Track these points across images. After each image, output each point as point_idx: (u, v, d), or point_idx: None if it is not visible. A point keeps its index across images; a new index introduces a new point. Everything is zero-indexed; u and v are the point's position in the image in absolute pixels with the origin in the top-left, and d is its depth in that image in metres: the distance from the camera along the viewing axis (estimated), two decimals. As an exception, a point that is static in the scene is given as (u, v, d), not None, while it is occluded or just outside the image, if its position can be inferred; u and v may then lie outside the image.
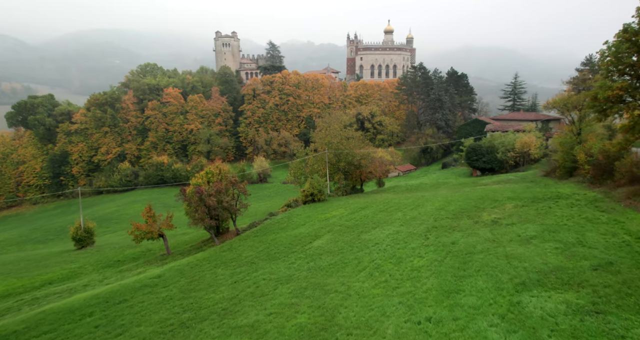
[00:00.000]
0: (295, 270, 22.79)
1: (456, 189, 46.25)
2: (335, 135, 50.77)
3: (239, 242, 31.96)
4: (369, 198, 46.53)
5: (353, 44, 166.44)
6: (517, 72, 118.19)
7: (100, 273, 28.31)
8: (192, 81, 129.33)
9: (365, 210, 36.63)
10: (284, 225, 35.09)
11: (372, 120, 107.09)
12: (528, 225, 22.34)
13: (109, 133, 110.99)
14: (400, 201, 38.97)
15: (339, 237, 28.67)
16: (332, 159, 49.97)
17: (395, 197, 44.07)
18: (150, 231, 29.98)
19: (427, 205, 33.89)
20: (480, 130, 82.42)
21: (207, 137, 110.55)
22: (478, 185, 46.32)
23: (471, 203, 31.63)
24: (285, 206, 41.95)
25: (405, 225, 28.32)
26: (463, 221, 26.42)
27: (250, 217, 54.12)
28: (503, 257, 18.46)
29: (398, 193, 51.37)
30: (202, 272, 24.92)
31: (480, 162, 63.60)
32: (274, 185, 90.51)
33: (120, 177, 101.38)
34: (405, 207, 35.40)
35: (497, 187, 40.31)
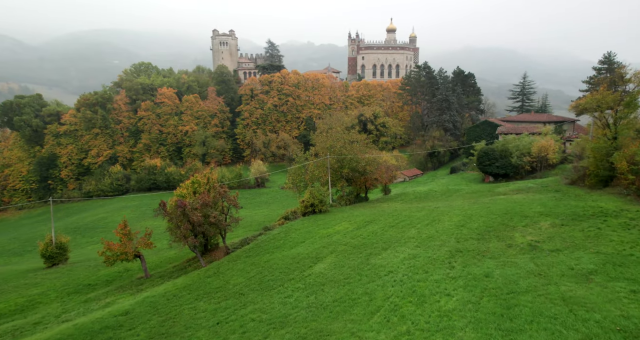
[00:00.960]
0: (291, 308, 18.73)
1: (472, 198, 42.21)
2: (338, 138, 46.78)
3: (227, 263, 27.90)
4: (375, 209, 42.50)
5: (354, 43, 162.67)
6: (525, 72, 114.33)
7: (63, 303, 24.30)
8: (188, 81, 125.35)
9: (372, 225, 32.59)
10: (280, 243, 31.04)
11: (375, 122, 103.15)
12: (580, 254, 18.27)
13: (100, 135, 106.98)
14: (412, 214, 34.91)
15: (344, 260, 24.61)
16: (334, 164, 45.97)
17: (404, 208, 40.02)
18: (124, 252, 25.91)
19: (445, 221, 29.85)
20: (490, 132, 78.45)
21: (203, 139, 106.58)
22: (496, 195, 42.29)
23: (496, 219, 27.59)
24: (282, 219, 37.93)
25: (422, 246, 24.25)
26: (492, 243, 22.37)
27: (245, 229, 50.09)
28: (560, 301, 14.38)
29: (407, 202, 47.37)
30: (180, 307, 20.85)
31: (493, 167, 59.59)
32: (272, 190, 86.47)
33: (111, 181, 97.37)
34: (418, 221, 31.36)
35: (520, 197, 36.26)
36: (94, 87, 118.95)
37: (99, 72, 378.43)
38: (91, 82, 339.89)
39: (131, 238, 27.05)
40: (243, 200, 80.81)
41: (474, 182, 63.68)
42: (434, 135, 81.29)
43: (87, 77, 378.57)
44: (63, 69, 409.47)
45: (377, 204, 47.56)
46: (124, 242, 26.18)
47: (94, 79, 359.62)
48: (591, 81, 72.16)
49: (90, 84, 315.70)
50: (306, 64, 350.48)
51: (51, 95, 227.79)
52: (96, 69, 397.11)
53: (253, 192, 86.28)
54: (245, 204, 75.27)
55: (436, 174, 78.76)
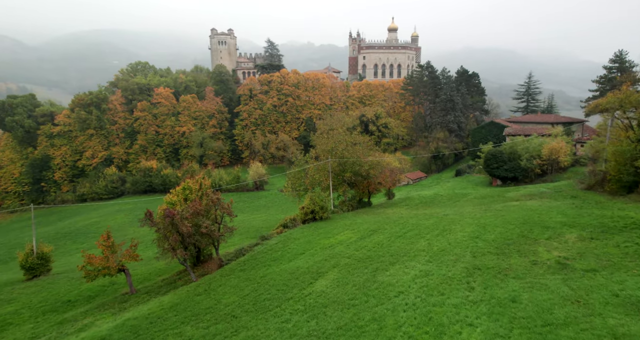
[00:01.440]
0: (289, 336, 16.46)
1: (482, 204, 39.93)
2: (340, 140, 44.51)
3: (220, 278, 25.60)
4: (379, 215, 40.22)
5: (355, 42, 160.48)
6: (530, 72, 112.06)
7: (36, 324, 22.03)
8: (185, 81, 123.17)
9: (378, 235, 30.32)
10: (277, 255, 28.76)
11: (377, 123, 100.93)
12: (622, 276, 15.98)
13: (95, 136, 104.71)
14: (420, 222, 32.64)
15: (348, 276, 22.33)
16: (335, 168, 43.70)
17: (411, 215, 37.74)
18: (106, 267, 23.61)
19: (457, 231, 27.58)
20: (496, 133, 76.17)
21: (200, 140, 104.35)
22: (507, 200, 40.03)
23: (514, 229, 25.32)
24: (280, 226, 35.65)
25: (434, 261, 21.96)
26: (514, 259, 20.08)
27: (241, 236, 47.81)
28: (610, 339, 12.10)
29: (412, 207, 45.10)
30: (164, 332, 18.58)
31: (501, 171, 57.32)
32: (270, 193, 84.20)
33: (105, 184, 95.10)
34: (427, 231, 29.08)
35: (535, 204, 33.99)
36: (92, 87, 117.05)
37: (99, 73, 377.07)
38: (90, 82, 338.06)
39: (115, 250, 24.76)
40: (241, 203, 78.74)
41: (481, 186, 61.42)
42: (438, 137, 79.03)
43: (86, 77, 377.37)
44: (62, 69, 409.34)
45: (381, 209, 45.30)
46: (106, 255, 23.89)
47: (93, 79, 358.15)
48: (601, 80, 69.87)
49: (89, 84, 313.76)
50: (306, 64, 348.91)
51: (50, 95, 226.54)
52: (95, 69, 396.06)
53: (251, 195, 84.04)
54: (243, 208, 73.21)
55: (441, 176, 76.48)
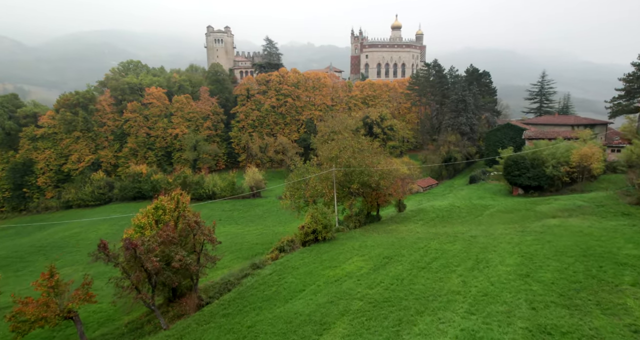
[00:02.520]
0: None
1: (513, 222, 34.46)
2: (345, 147, 39.06)
3: (196, 328, 20.12)
4: (392, 234, 34.77)
5: (357, 41, 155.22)
6: (544, 71, 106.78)
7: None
8: (179, 80, 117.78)
9: (394, 264, 24.89)
10: (271, 292, 23.28)
11: (382, 125, 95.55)
12: None
13: (82, 138, 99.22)
14: (444, 247, 27.26)
15: (363, 331, 16.90)
16: (340, 178, 38.25)
17: (430, 235, 32.32)
18: (43, 317, 18.04)
19: (495, 262, 22.20)
20: (513, 137, 70.76)
21: (193, 143, 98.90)
22: (542, 217, 34.57)
23: (575, 265, 19.90)
24: (276, 250, 30.16)
25: (477, 313, 16.47)
26: (598, 320, 14.61)
27: (233, 254, 42.36)
28: None
29: (429, 224, 39.62)
30: None
31: (523, 179, 51.87)
32: (268, 201, 78.72)
33: (92, 190, 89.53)
34: (456, 261, 23.69)
35: (583, 225, 28.52)
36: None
37: (97, 73, 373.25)
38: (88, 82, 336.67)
39: (60, 292, 19.28)
40: (235, 212, 73.28)
41: (501, 195, 55.96)
42: (449, 140, 73.54)
43: (85, 78, 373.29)
44: (61, 69, 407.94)
45: (393, 225, 39.85)
46: (45, 301, 18.35)
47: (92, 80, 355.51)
48: (629, 79, 64.47)
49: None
50: (306, 65, 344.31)
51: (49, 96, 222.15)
52: (94, 70, 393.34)
53: (247, 203, 78.56)
54: (237, 218, 67.69)
55: (453, 183, 70.98)
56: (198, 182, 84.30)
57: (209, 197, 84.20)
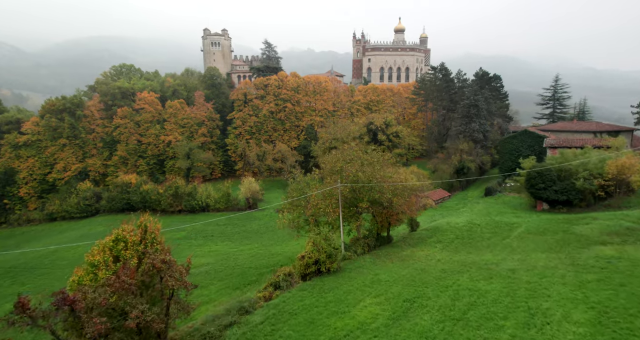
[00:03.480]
0: None
1: (553, 250, 29.15)
2: (352, 158, 33.92)
3: None
4: (408, 263, 29.51)
5: (360, 44, 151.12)
6: (557, 74, 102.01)
7: None
8: (174, 84, 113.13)
9: (420, 313, 19.60)
10: (261, 355, 17.97)
11: (387, 131, 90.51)
12: None
13: (68, 146, 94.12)
14: (477, 285, 22.08)
15: None
16: (347, 195, 33.07)
17: (454, 266, 27.05)
18: None
19: (557, 318, 16.93)
20: (531, 145, 65.71)
21: (187, 151, 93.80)
22: (588, 243, 29.27)
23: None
24: (270, 286, 24.86)
25: None
26: None
27: (223, 281, 36.99)
28: None
29: (448, 247, 34.32)
30: None
31: (549, 192, 46.66)
32: (265, 214, 73.44)
33: (77, 201, 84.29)
34: (499, 309, 18.47)
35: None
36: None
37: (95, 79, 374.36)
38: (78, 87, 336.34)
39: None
40: (230, 227, 67.92)
41: (522, 210, 50.71)
42: (461, 148, 68.44)
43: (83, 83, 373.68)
44: (59, 75, 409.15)
45: (407, 249, 34.57)
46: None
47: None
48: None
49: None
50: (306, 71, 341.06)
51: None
52: (93, 76, 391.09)
53: (243, 216, 73.22)
54: (231, 234, 62.32)
55: (466, 195, 65.75)
56: (190, 193, 79.11)
57: (202, 209, 79.04)
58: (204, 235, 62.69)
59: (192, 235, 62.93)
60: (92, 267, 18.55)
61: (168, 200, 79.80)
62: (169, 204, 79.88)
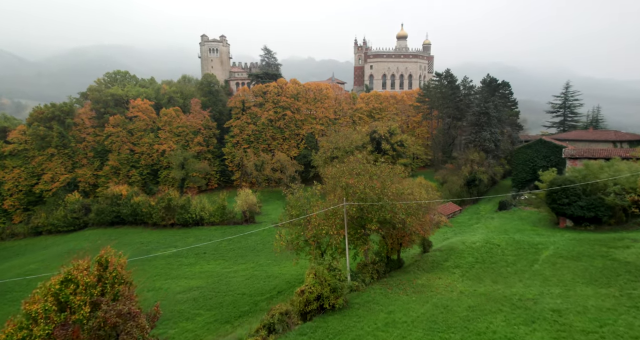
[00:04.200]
0: None
1: (593, 277, 24.99)
2: (358, 172, 29.89)
3: None
4: (426, 295, 25.26)
5: (361, 51, 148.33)
6: (568, 81, 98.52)
7: None
8: (169, 92, 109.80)
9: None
10: None
11: (391, 140, 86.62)
12: None
13: (56, 155, 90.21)
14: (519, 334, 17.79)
15: None
16: (354, 214, 28.97)
17: (482, 302, 22.82)
18: None
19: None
20: (547, 155, 61.79)
21: (181, 160, 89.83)
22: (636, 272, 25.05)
23: None
24: (263, 330, 20.60)
25: None
26: None
27: (211, 312, 32.65)
28: None
29: (469, 274, 30.13)
30: None
31: (574, 208, 42.55)
32: (262, 228, 69.11)
33: (65, 214, 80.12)
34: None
35: None
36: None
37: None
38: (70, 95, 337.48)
39: None
40: (223, 244, 63.53)
41: (542, 227, 46.57)
42: (472, 158, 64.44)
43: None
44: (60, 84, 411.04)
45: (422, 276, 30.36)
46: None
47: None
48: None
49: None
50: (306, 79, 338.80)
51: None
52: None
53: (238, 230, 68.96)
54: (224, 251, 57.91)
55: (479, 209, 61.55)
56: (184, 206, 74.86)
57: (196, 223, 74.78)
58: (196, 252, 58.34)
59: (183, 253, 58.58)
60: (27, 320, 14.36)
61: (160, 214, 75.55)
62: (161, 217, 75.62)
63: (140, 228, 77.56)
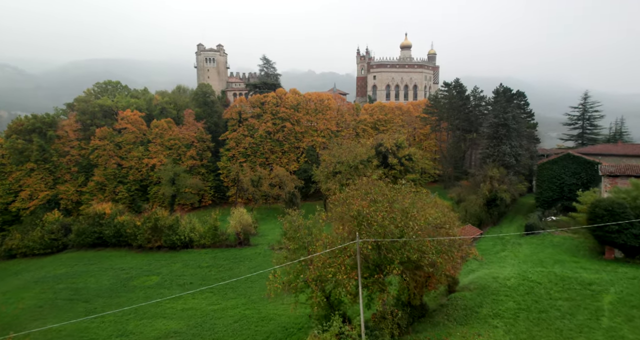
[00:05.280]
0: None
1: None
2: (376, 199, 23.58)
3: None
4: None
5: (364, 61, 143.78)
6: (586, 91, 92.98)
7: None
8: (162, 102, 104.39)
9: None
10: None
11: (399, 154, 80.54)
12: None
13: (36, 171, 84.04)
14: None
15: None
16: (368, 252, 22.59)
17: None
18: None
19: None
20: (576, 171, 55.62)
21: (171, 176, 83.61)
22: None
23: None
24: None
25: None
26: None
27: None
28: None
29: (515, 329, 23.83)
30: None
31: (626, 236, 36.22)
32: (258, 252, 62.57)
33: (42, 235, 73.54)
34: None
35: None
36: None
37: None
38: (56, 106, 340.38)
39: None
40: (214, 270, 56.48)
41: (584, 258, 40.04)
42: (491, 175, 58.21)
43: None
44: (58, 97, 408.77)
45: (454, 330, 23.86)
46: None
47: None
48: None
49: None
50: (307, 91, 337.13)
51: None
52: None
53: (231, 255, 62.34)
54: (215, 280, 51.07)
55: (501, 231, 55.00)
56: (171, 226, 68.33)
57: (185, 245, 68.15)
58: (181, 282, 51.71)
59: (166, 282, 51.96)
60: None
61: (146, 235, 68.98)
62: (147, 239, 69.03)
63: (124, 250, 70.94)
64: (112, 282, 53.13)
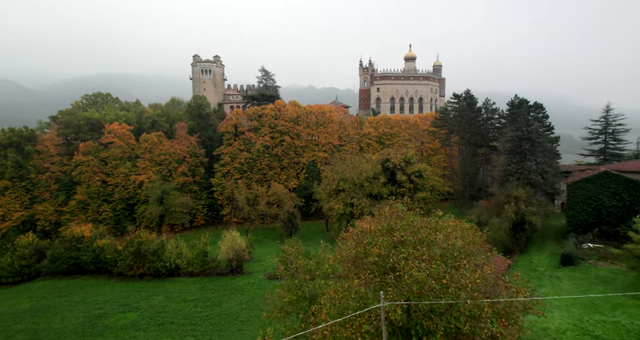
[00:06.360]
0: None
1: None
2: (404, 240, 16.96)
3: None
4: None
5: (367, 73, 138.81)
6: (608, 103, 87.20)
7: None
8: (153, 115, 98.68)
9: None
10: None
11: (407, 170, 74.13)
12: None
13: (11, 189, 77.50)
14: None
15: None
16: (398, 317, 15.76)
17: None
18: None
19: None
20: (616, 191, 49.13)
21: (159, 194, 76.97)
22: None
23: None
24: None
25: None
26: None
27: None
28: None
29: None
30: None
31: (703, 275, 29.16)
32: (252, 282, 55.39)
33: (12, 261, 66.51)
34: None
35: None
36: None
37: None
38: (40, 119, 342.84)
39: None
40: (200, 305, 49.12)
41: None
42: (517, 195, 51.60)
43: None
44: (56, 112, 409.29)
45: None
46: None
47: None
48: None
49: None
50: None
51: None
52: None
53: (221, 285, 55.21)
54: (200, 319, 43.83)
55: (531, 261, 48.03)
56: (156, 252, 61.37)
57: (171, 273, 61.07)
58: (161, 321, 44.49)
59: (144, 321, 44.74)
60: None
61: (127, 261, 61.98)
62: (129, 266, 62.01)
63: (103, 279, 63.83)
64: (80, 321, 45.94)
